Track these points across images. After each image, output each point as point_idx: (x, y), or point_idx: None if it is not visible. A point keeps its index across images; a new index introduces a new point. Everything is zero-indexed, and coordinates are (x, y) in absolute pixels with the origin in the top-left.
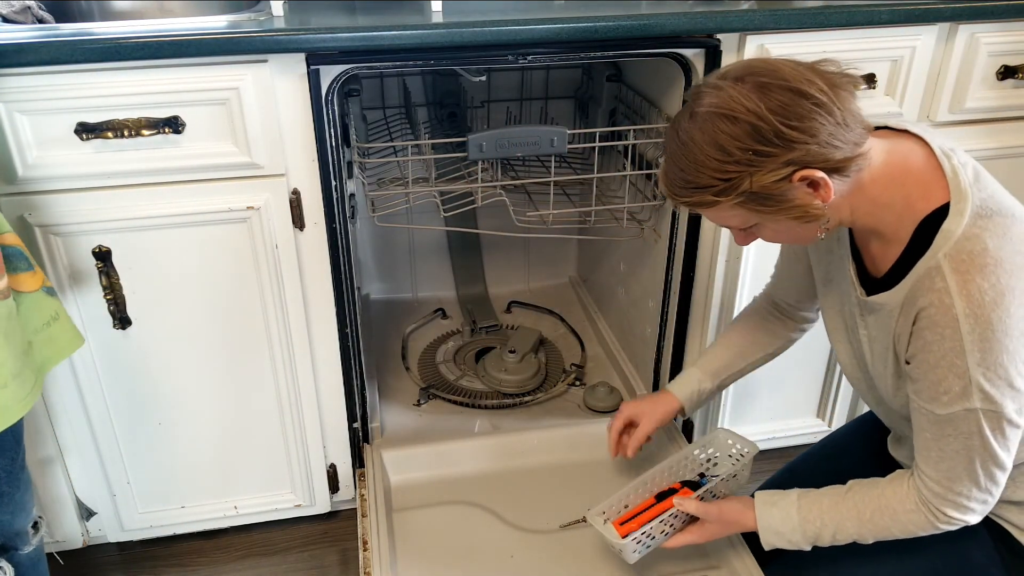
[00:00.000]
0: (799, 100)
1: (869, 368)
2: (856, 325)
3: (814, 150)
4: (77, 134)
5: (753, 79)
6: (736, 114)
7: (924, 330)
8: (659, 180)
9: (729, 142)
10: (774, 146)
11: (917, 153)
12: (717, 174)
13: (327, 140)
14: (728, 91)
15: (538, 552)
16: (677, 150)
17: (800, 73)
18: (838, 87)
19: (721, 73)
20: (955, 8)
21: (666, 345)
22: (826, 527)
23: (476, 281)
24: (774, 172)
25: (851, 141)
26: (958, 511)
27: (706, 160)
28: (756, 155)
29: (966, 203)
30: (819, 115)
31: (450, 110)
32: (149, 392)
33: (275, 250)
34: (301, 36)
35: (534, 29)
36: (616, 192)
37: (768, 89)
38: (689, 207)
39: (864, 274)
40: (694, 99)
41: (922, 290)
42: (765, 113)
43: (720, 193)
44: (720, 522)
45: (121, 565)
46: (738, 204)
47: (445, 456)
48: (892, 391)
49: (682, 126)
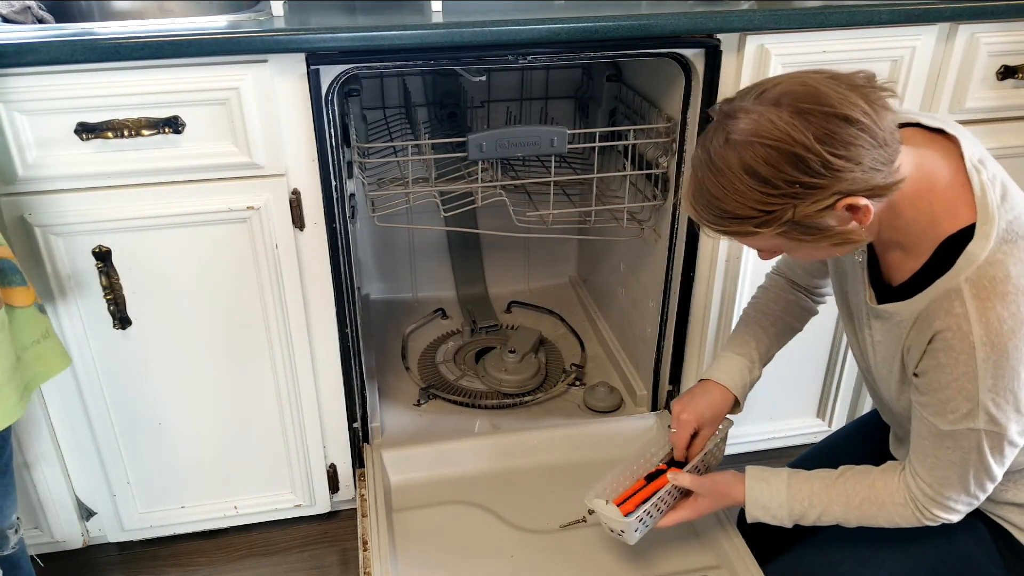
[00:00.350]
0: (844, 127)
1: (872, 370)
2: (863, 326)
3: (859, 177)
4: (77, 134)
5: (792, 104)
6: (779, 144)
7: (939, 352)
8: (685, 202)
9: (772, 173)
10: (821, 176)
11: (946, 165)
12: (759, 206)
13: (327, 140)
14: (768, 116)
15: (538, 552)
16: (710, 177)
17: (843, 96)
18: (876, 103)
19: (756, 92)
20: (955, 8)
21: (666, 345)
22: (813, 507)
23: (476, 281)
24: (820, 202)
25: (889, 161)
26: (944, 512)
27: (746, 191)
28: (802, 187)
29: (992, 226)
30: (864, 140)
31: (450, 110)
32: (149, 392)
33: (275, 250)
34: (301, 36)
35: (534, 29)
36: (616, 192)
37: (810, 115)
38: (723, 235)
39: (877, 279)
40: (727, 120)
41: (940, 312)
42: (812, 143)
43: (761, 225)
44: (713, 494)
45: (121, 565)
46: (780, 234)
47: (445, 456)
48: (895, 395)
49: (715, 151)
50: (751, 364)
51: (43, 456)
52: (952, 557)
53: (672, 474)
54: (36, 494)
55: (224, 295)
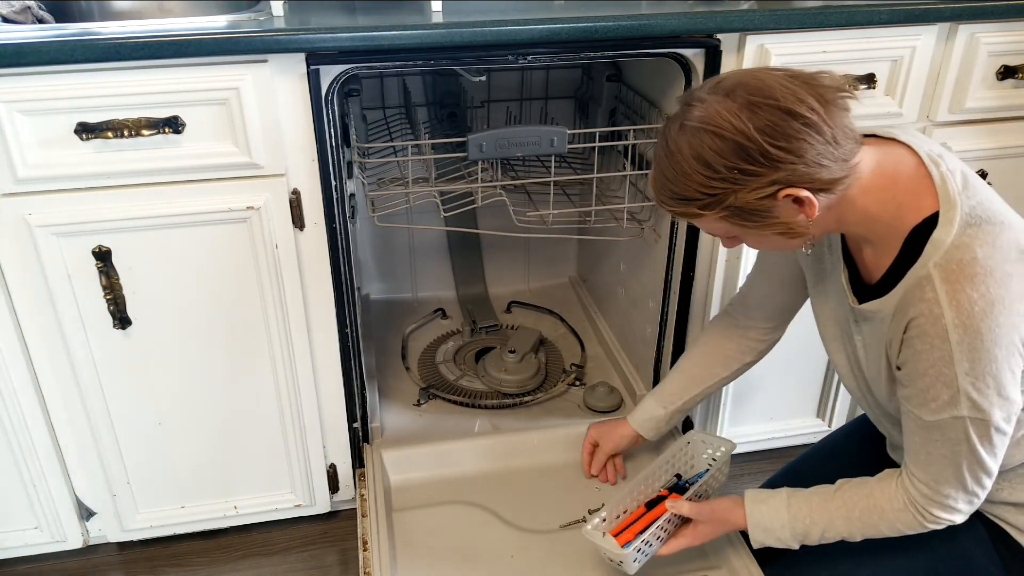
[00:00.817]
0: (788, 120)
1: (865, 373)
2: (851, 332)
3: (800, 170)
4: (77, 134)
5: (744, 96)
6: (723, 132)
7: (914, 339)
8: (649, 183)
9: (715, 159)
10: (760, 165)
11: (906, 161)
12: (702, 188)
13: (327, 140)
14: (716, 106)
15: (538, 552)
16: (665, 159)
17: (791, 91)
18: (830, 103)
19: (713, 84)
20: (955, 8)
21: (666, 345)
22: (815, 525)
23: (476, 281)
24: (758, 190)
25: (840, 158)
26: (945, 512)
27: (692, 173)
28: (741, 173)
29: (955, 211)
30: (808, 135)
31: (450, 110)
32: (149, 392)
33: (275, 250)
34: (301, 36)
35: (534, 29)
36: (616, 192)
37: (757, 107)
38: (675, 215)
39: (857, 281)
40: (684, 110)
41: (912, 299)
42: (752, 132)
43: (705, 207)
44: (712, 521)
45: (121, 565)
46: (722, 218)
47: (445, 456)
48: (887, 396)
49: (671, 135)
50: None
51: (43, 456)
52: (951, 557)
53: (671, 502)
54: (36, 494)
55: (224, 295)
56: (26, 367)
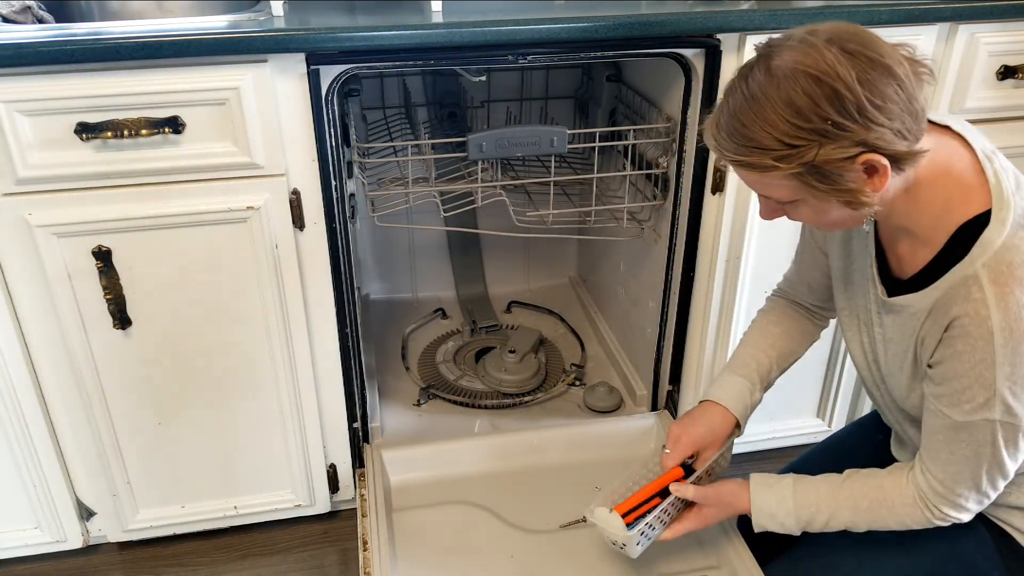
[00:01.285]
0: (887, 78)
1: (882, 367)
2: (872, 324)
3: (887, 135)
4: (77, 134)
5: (844, 43)
6: (822, 76)
7: (956, 339)
8: (707, 129)
9: (808, 105)
10: (854, 121)
11: (960, 154)
12: (785, 137)
13: (327, 140)
14: (819, 50)
15: (538, 552)
16: (743, 104)
17: (894, 50)
18: (919, 76)
19: (809, 29)
20: (955, 8)
21: (666, 345)
22: (820, 512)
23: (476, 281)
24: (844, 149)
25: (915, 135)
26: (954, 510)
27: (777, 120)
28: (833, 126)
29: (1008, 212)
30: (901, 101)
31: (450, 110)
32: (149, 392)
33: (275, 250)
34: (301, 36)
35: (534, 29)
36: (616, 192)
37: (858, 58)
38: (737, 166)
39: (885, 273)
40: (774, 52)
41: (957, 298)
42: (853, 83)
43: (780, 159)
44: (717, 505)
45: (121, 565)
46: (794, 175)
47: (445, 456)
48: (906, 391)
49: (755, 77)
50: (752, 386)
51: (43, 456)
52: (953, 560)
53: (675, 486)
54: (36, 494)
55: (224, 295)
56: (26, 367)
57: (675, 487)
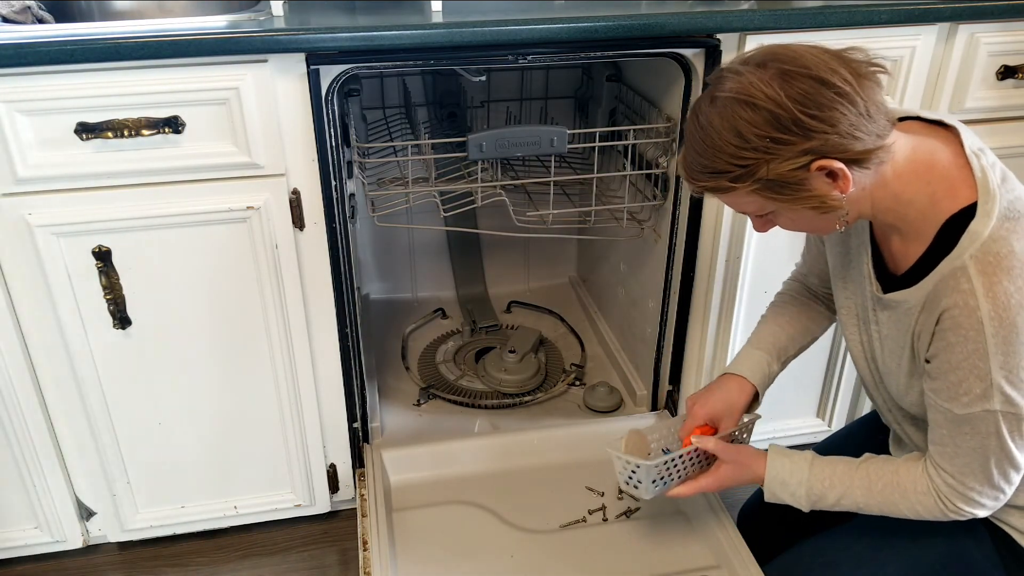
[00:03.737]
0: (821, 89)
1: (880, 365)
2: (869, 321)
3: (834, 140)
4: (77, 134)
5: (776, 65)
6: (755, 100)
7: (947, 331)
8: (679, 163)
9: (747, 128)
10: (792, 134)
11: (945, 150)
12: (734, 160)
13: (327, 140)
14: (748, 77)
15: (538, 552)
16: (696, 133)
17: (823, 61)
18: (863, 77)
19: (744, 58)
20: (955, 8)
21: (666, 345)
22: (833, 488)
23: (476, 281)
24: (791, 160)
25: (874, 132)
26: (968, 504)
27: (724, 145)
28: (773, 142)
29: (994, 204)
30: (841, 105)
31: (450, 110)
32: (149, 392)
33: (275, 250)
34: (301, 36)
35: (534, 29)
36: (616, 192)
37: (790, 76)
38: (706, 192)
39: (881, 270)
40: (716, 83)
41: (946, 290)
42: (784, 101)
43: (736, 179)
44: (736, 463)
45: (121, 565)
46: (754, 191)
47: (445, 456)
48: (903, 388)
49: (702, 110)
50: (769, 358)
51: (43, 456)
52: (952, 559)
53: (696, 436)
54: (36, 494)
55: (224, 295)
56: (26, 367)
57: (696, 438)
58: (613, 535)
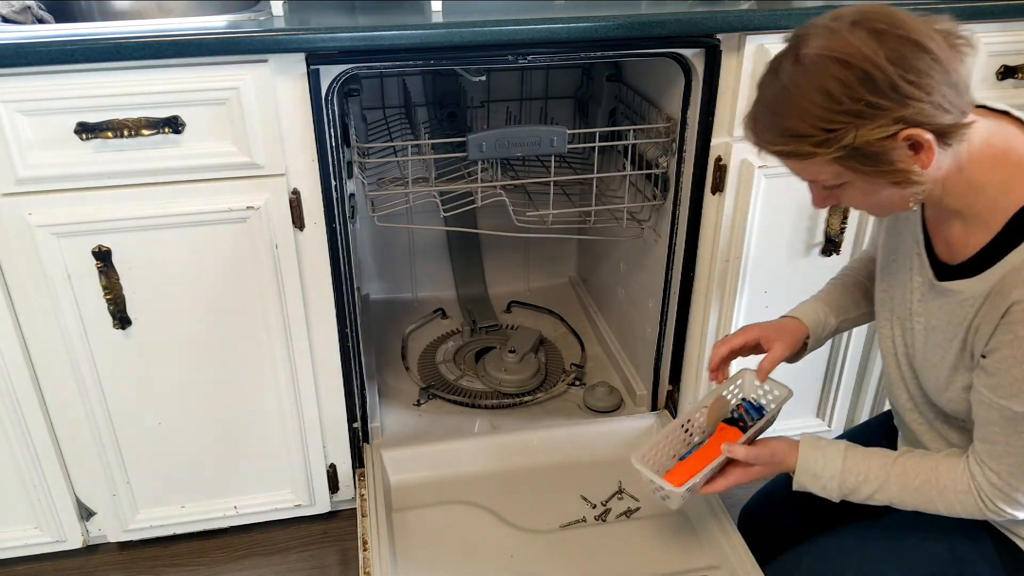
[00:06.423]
0: (919, 53)
1: (916, 360)
2: (911, 311)
3: (927, 109)
4: (77, 134)
5: (870, 24)
6: (850, 59)
7: (1016, 324)
8: (745, 124)
9: (839, 89)
10: (888, 99)
11: (1020, 138)
12: (821, 123)
13: (327, 140)
14: (843, 35)
15: (538, 552)
16: (776, 95)
17: (920, 25)
18: (955, 48)
19: (833, 15)
20: (955, 8)
21: (666, 345)
22: (868, 483)
23: (476, 281)
24: (883, 128)
25: (959, 108)
26: (1010, 506)
27: (810, 107)
28: (868, 107)
29: None
30: (938, 72)
31: (450, 110)
32: (149, 392)
33: (275, 250)
34: (301, 36)
35: (534, 29)
36: (616, 192)
37: (886, 37)
38: (780, 156)
39: (932, 258)
40: (800, 41)
41: (1018, 282)
42: (883, 62)
43: (820, 144)
44: (769, 464)
45: (121, 565)
46: (835, 159)
47: (445, 456)
48: (943, 383)
49: (784, 68)
50: (827, 310)
51: (43, 456)
52: (954, 567)
53: (727, 446)
54: (36, 494)
55: (224, 295)
56: (26, 367)
57: (726, 447)
58: (613, 535)
